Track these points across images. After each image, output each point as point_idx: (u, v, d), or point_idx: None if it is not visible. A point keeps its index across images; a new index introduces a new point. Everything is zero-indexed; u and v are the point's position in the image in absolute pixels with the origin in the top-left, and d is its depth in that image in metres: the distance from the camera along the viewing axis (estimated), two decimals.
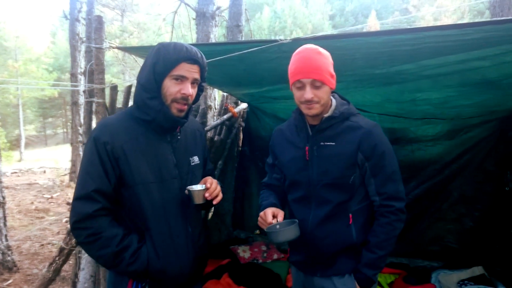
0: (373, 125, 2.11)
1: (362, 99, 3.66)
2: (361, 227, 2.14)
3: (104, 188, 1.83)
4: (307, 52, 1.98)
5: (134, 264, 1.86)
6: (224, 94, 4.49)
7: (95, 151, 1.84)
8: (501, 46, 2.36)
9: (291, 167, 2.22)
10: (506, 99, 3.35)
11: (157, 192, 1.92)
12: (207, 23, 6.08)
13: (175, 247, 1.98)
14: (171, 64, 1.85)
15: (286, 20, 32.32)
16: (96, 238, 1.81)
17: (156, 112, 1.88)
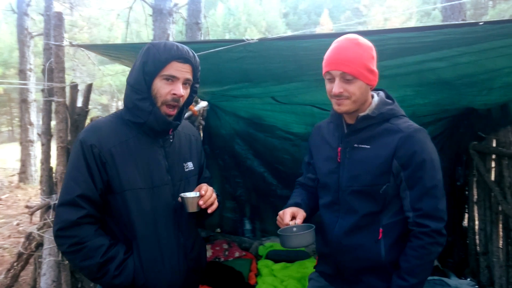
0: (415, 130, 1.82)
1: (322, 98, 3.70)
2: (393, 245, 1.86)
3: (89, 193, 1.72)
4: (344, 41, 1.80)
5: (120, 277, 1.75)
6: None
7: (81, 155, 1.73)
8: (458, 48, 2.46)
9: (322, 168, 2.01)
10: (459, 98, 3.50)
11: (147, 199, 1.80)
12: (165, 20, 5.98)
13: (164, 259, 1.85)
14: (161, 63, 1.74)
15: (240, 17, 32.29)
16: (80, 248, 1.69)
17: (147, 114, 1.77)
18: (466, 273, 4.44)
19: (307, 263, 4.40)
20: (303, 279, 4.13)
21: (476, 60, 2.65)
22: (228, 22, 31.84)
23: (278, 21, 34.75)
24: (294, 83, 3.30)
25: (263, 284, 3.99)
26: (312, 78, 3.12)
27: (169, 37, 5.84)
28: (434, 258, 1.81)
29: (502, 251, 4.02)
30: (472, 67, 2.75)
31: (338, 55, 1.77)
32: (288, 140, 4.67)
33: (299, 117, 4.25)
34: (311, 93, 3.57)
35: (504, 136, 3.88)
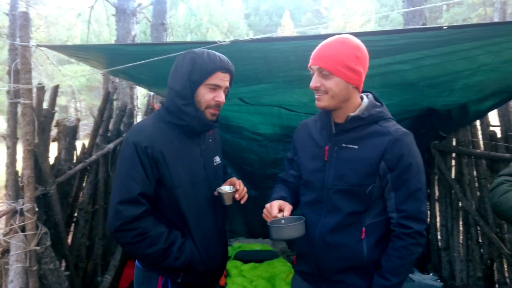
0: (404, 133, 1.86)
1: (290, 99, 3.75)
2: (374, 245, 1.89)
3: (147, 191, 1.92)
4: (330, 40, 1.85)
5: (180, 258, 1.97)
6: (150, 93, 4.39)
7: (136, 156, 1.90)
8: (422, 51, 2.55)
9: (307, 165, 2.02)
10: (421, 99, 3.61)
11: (192, 193, 2.02)
12: (128, 20, 5.89)
13: (210, 246, 2.09)
14: (207, 74, 1.95)
15: (202, 18, 32.08)
16: (144, 238, 1.89)
17: (191, 118, 1.97)
18: (429, 268, 4.60)
19: (275, 262, 4.45)
20: (272, 279, 4.17)
21: (439, 63, 2.74)
22: (189, 23, 31.58)
23: (240, 22, 34.77)
24: (263, 84, 3.32)
25: (232, 284, 4.00)
26: (281, 79, 3.15)
27: (135, 37, 5.75)
28: (415, 258, 1.85)
29: (462, 246, 4.19)
30: (435, 69, 2.85)
31: (318, 52, 1.84)
32: (255, 141, 4.70)
33: (267, 118, 4.28)
34: (279, 95, 3.60)
35: (464, 135, 4.05)
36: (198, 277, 2.08)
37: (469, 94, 3.38)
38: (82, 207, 3.42)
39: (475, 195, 3.96)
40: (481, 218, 3.82)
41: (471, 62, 2.72)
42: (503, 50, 2.53)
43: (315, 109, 3.87)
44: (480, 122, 3.91)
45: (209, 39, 29.63)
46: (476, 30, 2.34)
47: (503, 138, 3.68)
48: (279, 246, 4.99)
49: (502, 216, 1.86)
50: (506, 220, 1.90)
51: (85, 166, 3.32)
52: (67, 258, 3.10)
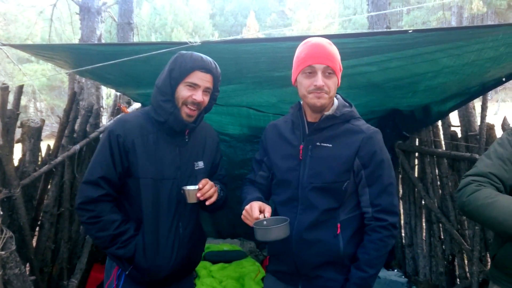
0: (375, 131, 1.98)
1: (259, 100, 3.78)
2: (350, 239, 1.96)
3: (109, 176, 2.03)
4: (319, 40, 1.91)
5: (123, 249, 2.05)
6: (117, 94, 4.33)
7: (107, 143, 2.04)
8: (388, 53, 2.62)
9: (281, 165, 2.05)
10: (386, 100, 3.71)
11: (154, 188, 2.07)
12: (93, 19, 5.78)
13: (160, 244, 2.10)
14: (186, 71, 2.03)
15: (166, 17, 31.82)
16: (97, 221, 2.01)
17: (168, 114, 2.05)
18: (393, 265, 4.72)
19: (244, 262, 4.47)
20: (241, 279, 4.19)
21: (404, 65, 2.83)
22: (154, 22, 31.24)
23: (205, 22, 34.66)
24: (232, 85, 3.34)
25: (202, 285, 3.99)
26: (250, 80, 3.17)
27: (101, 37, 5.65)
28: (388, 250, 1.92)
29: (425, 243, 4.32)
30: (400, 71, 2.94)
31: (321, 50, 1.87)
32: (223, 142, 4.69)
33: (235, 119, 4.28)
34: (248, 95, 3.62)
35: (426, 135, 4.18)
36: (143, 273, 2.11)
37: (431, 95, 3.49)
38: (47, 210, 3.33)
39: (437, 193, 4.10)
40: (443, 215, 3.96)
41: (434, 64, 2.82)
42: (464, 54, 2.63)
43: (283, 110, 3.92)
44: (442, 122, 4.05)
45: (174, 39, 29.38)
46: (439, 34, 2.43)
47: (463, 138, 3.82)
48: (247, 246, 5.01)
49: (470, 215, 1.94)
50: (474, 219, 1.99)
51: (51, 168, 3.24)
52: (32, 262, 3.03)
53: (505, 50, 2.54)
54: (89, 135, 3.78)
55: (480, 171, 2.00)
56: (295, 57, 1.97)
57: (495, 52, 2.58)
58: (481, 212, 1.87)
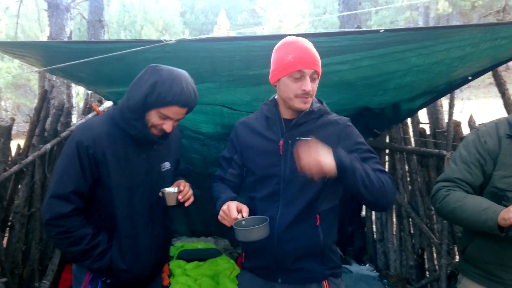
0: (348, 120, 2.09)
1: (232, 98, 3.79)
2: (328, 229, 2.03)
3: (81, 189, 1.95)
4: (303, 42, 1.92)
5: (98, 263, 2.00)
6: (88, 92, 4.27)
7: (76, 154, 1.93)
8: (360, 52, 2.68)
9: (260, 161, 2.06)
10: (358, 98, 3.78)
11: (128, 197, 2.03)
12: (62, 16, 5.65)
13: (139, 250, 2.09)
14: (163, 104, 1.92)
15: (136, 15, 31.34)
16: (67, 236, 1.93)
17: (137, 132, 1.98)
18: (365, 260, 4.83)
19: (219, 260, 4.48)
20: (216, 276, 4.20)
21: (375, 64, 2.89)
22: (123, 20, 30.76)
23: (175, 20, 34.32)
24: (206, 83, 3.34)
25: (176, 284, 3.99)
26: (225, 79, 3.19)
27: (71, 34, 5.54)
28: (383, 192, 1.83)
29: (396, 237, 4.43)
30: (371, 70, 3.00)
31: (310, 55, 1.89)
32: (197, 140, 4.69)
33: (209, 117, 4.29)
34: (222, 93, 3.63)
35: (396, 132, 4.28)
36: (122, 281, 2.09)
37: (401, 93, 3.59)
38: (18, 211, 3.28)
39: (407, 189, 4.21)
40: (412, 210, 4.07)
41: (403, 63, 2.89)
42: (432, 53, 2.72)
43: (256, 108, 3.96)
44: (411, 120, 4.16)
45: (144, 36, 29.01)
46: (409, 34, 2.51)
47: (432, 134, 3.93)
48: (221, 244, 5.02)
49: (446, 219, 2.07)
50: (451, 222, 2.10)
51: (21, 167, 3.19)
52: (3, 264, 2.97)
53: (471, 50, 2.63)
54: (60, 134, 3.72)
55: (448, 177, 2.10)
56: (278, 57, 1.95)
57: (462, 52, 2.67)
58: (454, 215, 1.99)
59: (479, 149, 2.04)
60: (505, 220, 1.75)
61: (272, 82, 2.04)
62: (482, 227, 1.85)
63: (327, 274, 2.06)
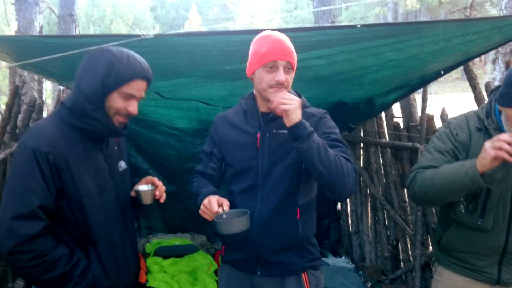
0: (324, 112, 2.10)
1: (208, 93, 3.78)
2: (307, 222, 2.06)
3: (48, 204, 1.66)
4: (280, 36, 1.93)
5: (80, 285, 1.73)
6: (60, 88, 4.17)
7: (35, 163, 1.64)
8: (336, 47, 2.71)
9: (238, 155, 2.08)
10: (334, 93, 3.83)
11: (100, 203, 1.80)
12: (30, 10, 5.50)
13: (120, 260, 1.89)
14: (124, 81, 1.73)
15: (105, 9, 30.84)
16: (41, 262, 1.63)
17: (98, 124, 1.75)
18: (341, 252, 4.90)
19: (196, 256, 4.47)
20: (194, 272, 4.19)
21: (351, 59, 2.93)
22: (92, 14, 30.20)
23: (146, 15, 33.93)
24: (182, 78, 3.32)
25: (154, 281, 3.96)
26: (201, 74, 3.17)
27: (42, 29, 5.39)
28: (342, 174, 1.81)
29: (371, 230, 4.51)
30: (347, 65, 3.04)
31: (284, 46, 1.90)
32: (172, 136, 4.66)
33: (184, 112, 4.26)
34: (197, 88, 3.61)
35: (370, 126, 4.35)
36: None
37: (376, 88, 3.64)
38: None
39: (382, 182, 4.29)
40: (387, 203, 4.15)
41: (379, 58, 2.94)
42: (407, 48, 2.77)
43: (233, 103, 3.96)
44: (385, 114, 4.23)
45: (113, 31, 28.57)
46: (385, 29, 2.55)
47: (405, 128, 4.02)
48: (198, 240, 5.01)
49: (425, 197, 2.08)
50: (428, 200, 2.13)
51: None
52: None
53: (444, 44, 2.70)
54: None
55: (421, 165, 2.14)
56: (254, 50, 1.98)
57: (435, 46, 2.73)
58: (434, 185, 2.00)
59: (452, 141, 2.10)
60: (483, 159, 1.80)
61: (249, 74, 2.05)
62: (465, 181, 1.86)
63: (306, 266, 2.09)
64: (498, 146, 1.74)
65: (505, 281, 2.05)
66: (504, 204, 1.97)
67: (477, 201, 2.00)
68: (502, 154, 1.73)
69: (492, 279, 2.06)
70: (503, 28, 2.54)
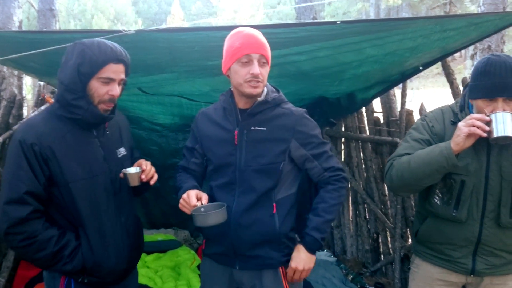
0: (304, 111, 2.15)
1: (191, 89, 3.78)
2: (284, 217, 2.11)
3: (35, 190, 1.84)
4: (252, 31, 1.98)
5: (70, 263, 1.91)
6: (40, 83, 4.13)
7: (22, 154, 1.83)
8: (317, 43, 2.74)
9: (217, 151, 2.14)
10: (315, 88, 3.87)
11: (89, 188, 1.95)
12: (9, 4, 5.41)
13: (110, 241, 2.02)
14: (98, 66, 1.84)
15: (86, 3, 30.43)
16: (31, 242, 1.83)
17: (83, 111, 1.88)
18: (323, 246, 4.94)
19: (179, 251, 4.48)
20: (177, 267, 4.21)
21: (331, 54, 2.97)
22: (72, 8, 29.76)
23: (127, 9, 33.57)
24: (164, 74, 3.31)
25: None
26: (183, 69, 3.17)
27: (21, 24, 5.31)
28: (342, 201, 2.18)
29: (352, 223, 4.58)
30: (328, 60, 3.08)
31: (256, 40, 1.94)
32: (155, 131, 4.64)
33: (167, 108, 4.25)
34: (180, 84, 3.61)
35: (351, 121, 4.41)
36: (100, 277, 2.03)
37: (356, 83, 3.69)
38: None
39: (362, 176, 4.35)
40: (368, 196, 4.22)
41: (359, 54, 2.98)
42: (386, 44, 2.82)
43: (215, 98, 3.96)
44: (366, 109, 4.30)
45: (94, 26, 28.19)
46: (364, 25, 2.59)
47: (385, 123, 4.08)
48: (181, 235, 5.02)
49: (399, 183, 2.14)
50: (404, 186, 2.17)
51: None
52: None
53: (422, 41, 2.75)
54: (12, 127, 3.60)
55: (398, 153, 2.20)
56: (228, 46, 2.01)
57: (414, 43, 2.78)
58: (410, 168, 2.06)
59: (429, 132, 2.17)
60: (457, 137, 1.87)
61: (225, 71, 2.09)
62: (440, 160, 1.93)
63: (283, 260, 2.14)
64: (470, 123, 1.83)
65: (479, 271, 2.12)
66: (477, 195, 2.04)
67: (452, 192, 2.07)
68: (475, 130, 1.81)
69: (467, 270, 2.13)
70: (479, 24, 2.61)
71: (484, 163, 2.02)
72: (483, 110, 1.90)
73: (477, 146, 2.00)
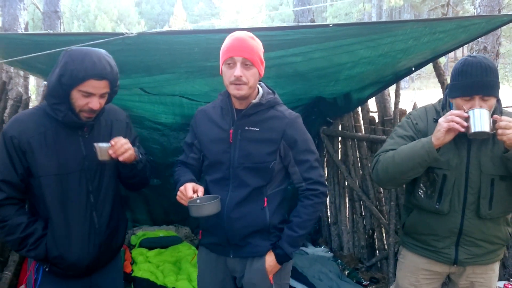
0: (296, 116, 2.23)
1: (191, 89, 3.88)
2: (275, 210, 2.23)
3: (10, 179, 2.00)
4: (241, 34, 2.07)
5: (34, 251, 2.05)
6: (45, 83, 4.25)
7: (3, 145, 2.00)
8: (312, 45, 2.85)
9: (213, 147, 2.24)
10: (311, 88, 3.98)
11: (59, 184, 2.04)
12: (14, 6, 5.54)
13: (74, 237, 2.09)
14: (78, 80, 1.90)
15: (89, 4, 30.60)
16: (2, 226, 2.02)
17: (63, 116, 1.99)
18: (320, 242, 5.06)
19: (180, 247, 4.59)
20: (178, 262, 4.32)
21: (326, 56, 3.07)
22: (76, 9, 29.91)
23: (130, 10, 33.69)
24: (165, 74, 3.42)
25: (139, 271, 4.07)
26: (184, 70, 3.28)
27: (27, 25, 5.43)
28: (318, 216, 2.26)
29: (348, 220, 4.69)
30: (323, 61, 3.18)
31: (240, 44, 2.02)
32: (157, 131, 4.75)
33: (168, 108, 4.36)
34: (180, 84, 3.72)
35: (347, 120, 4.52)
36: (62, 268, 2.12)
37: (351, 83, 3.80)
38: None
39: (358, 174, 4.46)
40: (363, 194, 4.33)
41: (353, 55, 3.09)
42: (378, 46, 2.93)
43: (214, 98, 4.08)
44: (361, 108, 4.41)
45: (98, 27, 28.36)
46: (357, 28, 2.71)
47: (380, 122, 4.20)
48: (182, 232, 5.13)
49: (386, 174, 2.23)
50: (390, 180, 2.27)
51: None
52: None
53: (413, 43, 2.86)
54: None
55: (384, 149, 2.32)
56: (221, 49, 2.12)
57: (405, 45, 2.89)
58: (394, 162, 2.17)
59: (413, 129, 2.29)
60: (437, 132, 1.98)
61: (220, 72, 2.18)
62: (421, 154, 2.04)
63: (270, 247, 2.27)
64: (450, 119, 1.95)
65: (462, 261, 2.23)
66: (459, 188, 2.15)
67: (435, 186, 2.18)
68: (454, 125, 1.93)
69: (450, 259, 2.24)
70: (467, 27, 2.71)
71: (464, 158, 2.13)
72: (462, 108, 2.01)
73: (458, 143, 2.12)
